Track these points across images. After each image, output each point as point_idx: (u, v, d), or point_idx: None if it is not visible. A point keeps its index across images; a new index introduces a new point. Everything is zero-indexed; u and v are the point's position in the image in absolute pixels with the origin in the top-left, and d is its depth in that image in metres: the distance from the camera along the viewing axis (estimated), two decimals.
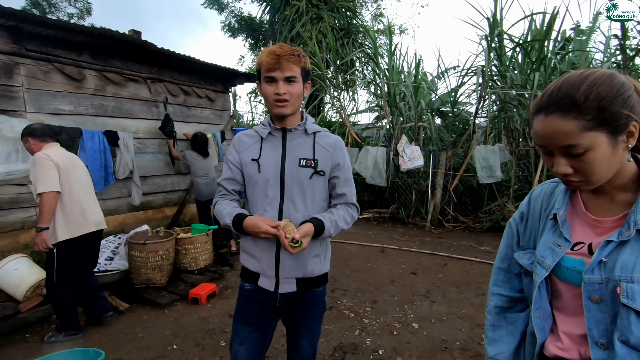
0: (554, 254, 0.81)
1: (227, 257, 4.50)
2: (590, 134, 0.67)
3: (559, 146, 0.71)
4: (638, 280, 0.69)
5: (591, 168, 0.70)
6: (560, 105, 0.69)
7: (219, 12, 13.59)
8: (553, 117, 0.69)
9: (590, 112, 0.67)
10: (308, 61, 1.31)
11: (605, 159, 0.69)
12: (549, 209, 0.88)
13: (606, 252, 0.74)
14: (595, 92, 0.67)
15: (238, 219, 1.29)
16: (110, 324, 2.90)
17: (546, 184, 0.94)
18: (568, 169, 0.72)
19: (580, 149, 0.68)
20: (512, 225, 0.99)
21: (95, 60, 3.82)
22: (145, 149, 4.39)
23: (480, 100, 6.19)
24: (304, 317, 1.39)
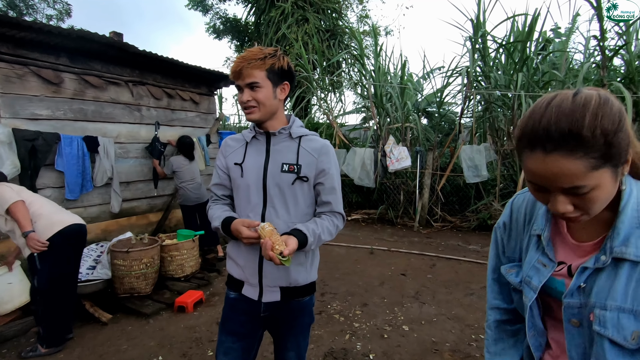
0: (540, 275, 0.78)
1: (214, 263, 4.42)
2: (597, 172, 0.60)
3: (561, 187, 0.63)
4: (611, 308, 0.67)
5: (593, 204, 0.65)
6: (564, 143, 0.59)
7: (204, 13, 13.42)
8: (555, 157, 0.60)
9: (598, 149, 0.59)
10: (282, 60, 1.25)
11: (608, 193, 0.65)
12: (533, 221, 0.84)
13: (584, 277, 0.72)
14: (601, 126, 0.59)
15: (226, 223, 1.26)
16: (92, 336, 2.80)
17: (522, 195, 0.90)
18: (569, 206, 0.65)
19: (585, 189, 0.62)
20: (497, 233, 0.95)
21: (74, 63, 3.70)
22: (127, 154, 4.28)
23: (465, 100, 6.26)
24: (290, 328, 1.35)
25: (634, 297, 0.66)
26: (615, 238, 0.68)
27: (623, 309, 0.66)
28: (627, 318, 0.66)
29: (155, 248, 3.49)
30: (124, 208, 4.19)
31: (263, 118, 1.26)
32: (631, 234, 0.67)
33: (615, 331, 0.66)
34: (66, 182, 3.55)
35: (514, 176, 6.22)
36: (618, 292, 0.67)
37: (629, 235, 0.67)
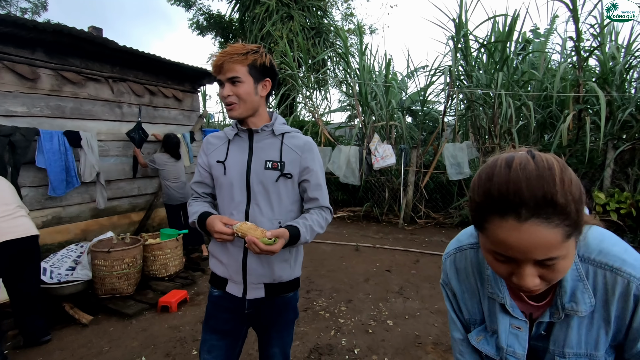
0: (520, 340, 0.76)
1: (198, 262, 4.38)
2: (568, 241, 0.58)
3: (534, 260, 0.58)
4: (569, 356, 0.72)
5: (558, 275, 0.62)
6: (540, 209, 0.55)
7: (186, 9, 13.18)
8: (532, 225, 0.55)
9: (571, 217, 0.56)
10: (264, 57, 1.25)
11: (571, 263, 0.62)
12: (484, 282, 0.80)
13: (543, 327, 0.76)
14: (571, 192, 0.56)
15: (202, 218, 1.26)
16: (72, 339, 2.74)
17: (462, 254, 0.83)
18: (537, 280, 0.61)
19: (557, 260, 0.58)
20: (447, 291, 0.89)
21: (51, 59, 3.59)
22: (108, 152, 4.18)
23: (448, 99, 6.37)
24: (274, 324, 1.36)
25: (587, 342, 0.71)
26: (563, 295, 0.70)
27: (579, 355, 0.72)
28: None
29: (137, 248, 3.43)
30: (105, 207, 4.10)
31: (244, 114, 1.26)
32: (576, 287, 0.69)
33: None
34: (49, 179, 3.43)
35: None
36: (573, 341, 0.72)
37: (575, 290, 0.69)
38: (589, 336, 0.71)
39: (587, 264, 0.68)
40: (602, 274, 0.67)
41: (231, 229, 1.18)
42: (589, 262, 0.68)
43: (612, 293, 0.67)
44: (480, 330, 0.83)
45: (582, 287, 0.68)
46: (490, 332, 0.81)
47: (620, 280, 0.66)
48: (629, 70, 5.74)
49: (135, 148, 4.26)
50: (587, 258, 0.69)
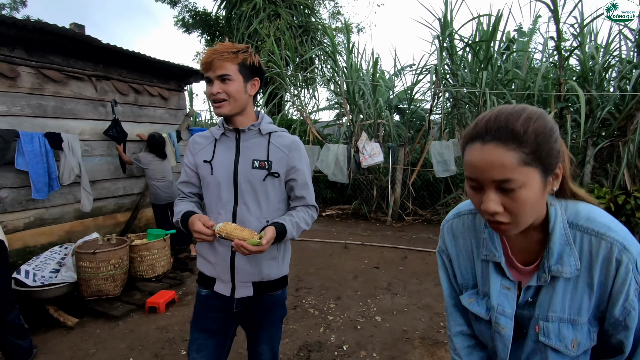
0: (509, 300, 0.80)
1: (186, 262, 4.34)
2: (526, 169, 0.64)
3: (493, 179, 0.66)
4: (552, 319, 0.75)
5: (521, 207, 0.67)
6: (499, 135, 0.65)
7: (172, 6, 12.99)
8: (491, 147, 0.65)
9: (529, 146, 0.64)
10: (253, 57, 1.26)
11: (535, 199, 0.67)
12: (480, 246, 0.85)
13: (530, 293, 0.79)
14: (533, 126, 0.65)
15: (185, 217, 1.26)
16: (57, 342, 2.69)
17: (460, 219, 0.89)
18: (499, 206, 0.67)
19: (514, 184, 0.65)
20: (443, 258, 0.94)
21: (31, 57, 3.50)
22: (92, 152, 4.10)
23: (434, 97, 6.45)
24: (262, 322, 1.37)
25: (570, 307, 0.74)
26: (550, 257, 0.74)
27: (562, 319, 0.74)
28: (566, 328, 0.74)
29: (123, 248, 3.39)
30: None
31: (232, 112, 1.26)
32: (563, 251, 0.73)
33: (557, 340, 0.74)
34: (32, 182, 3.35)
35: None
36: (557, 305, 0.75)
37: (562, 253, 0.73)
38: (573, 301, 0.74)
39: (575, 230, 0.73)
40: (588, 239, 0.72)
41: (211, 230, 1.18)
42: (576, 228, 0.73)
43: (595, 257, 0.71)
44: (471, 293, 0.87)
45: (568, 251, 0.72)
46: (482, 295, 0.85)
47: (604, 244, 0.70)
48: (608, 69, 5.92)
49: (117, 145, 4.18)
50: (575, 224, 0.73)
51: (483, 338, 0.88)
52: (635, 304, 0.69)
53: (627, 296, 0.69)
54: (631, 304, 0.69)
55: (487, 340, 0.87)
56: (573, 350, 0.74)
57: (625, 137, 5.05)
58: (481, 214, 0.72)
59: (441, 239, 0.93)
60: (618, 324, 0.71)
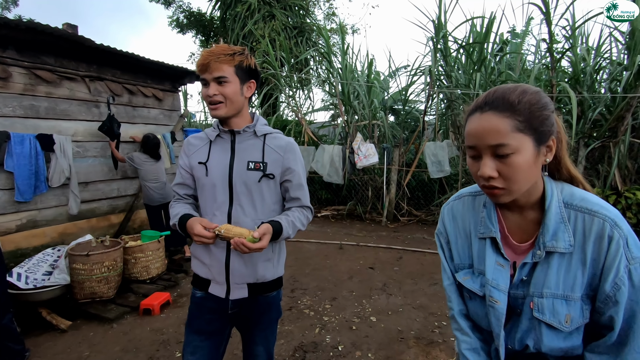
0: (503, 276, 0.82)
1: (181, 263, 4.32)
2: (519, 135, 0.70)
3: (489, 145, 0.72)
4: (547, 295, 0.77)
5: (515, 173, 0.72)
6: (496, 104, 0.72)
7: (166, 6, 12.92)
8: (488, 115, 0.72)
9: (522, 114, 0.70)
10: (249, 59, 1.26)
11: (528, 165, 0.72)
12: (477, 225, 0.88)
13: (525, 271, 0.81)
14: (527, 98, 0.72)
15: (183, 220, 1.25)
16: (50, 345, 2.67)
17: (460, 201, 0.94)
18: (494, 172, 0.73)
19: (508, 150, 0.70)
20: (441, 239, 0.98)
21: (23, 57, 3.47)
22: (85, 153, 4.07)
23: (428, 98, 6.49)
24: (257, 324, 1.37)
25: (564, 284, 0.76)
26: (545, 234, 0.77)
27: (556, 295, 0.76)
28: (560, 303, 0.76)
29: (117, 250, 3.36)
30: (82, 210, 3.99)
31: (228, 114, 1.26)
32: (558, 228, 0.76)
33: (551, 315, 0.76)
34: (16, 184, 3.32)
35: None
36: (551, 281, 0.77)
37: (557, 230, 0.76)
38: (567, 278, 0.76)
39: (570, 209, 0.77)
40: (582, 217, 0.75)
41: (212, 232, 1.19)
42: (571, 207, 0.77)
43: (589, 234, 0.74)
44: (466, 272, 0.90)
45: (563, 228, 0.76)
46: (477, 273, 0.88)
47: (597, 221, 0.74)
48: (599, 71, 6.00)
49: (110, 142, 4.15)
50: (570, 204, 0.78)
51: (477, 317, 0.89)
52: (625, 280, 0.71)
53: (618, 272, 0.71)
54: (621, 279, 0.71)
55: (481, 318, 0.88)
56: (566, 325, 0.75)
57: (616, 138, 5.12)
58: (478, 181, 0.77)
59: (440, 221, 0.97)
60: (609, 299, 0.73)
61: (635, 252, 0.72)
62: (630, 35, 5.17)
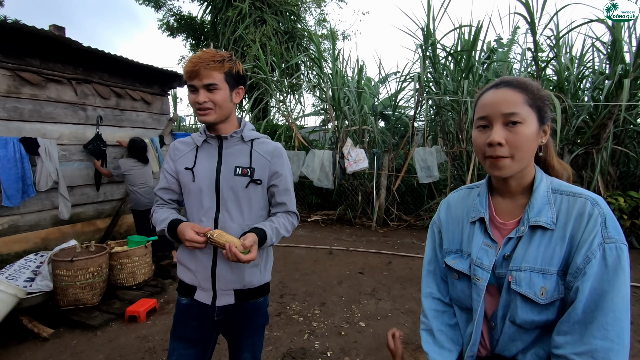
0: (489, 255, 0.87)
1: (169, 269, 4.26)
2: (528, 108, 0.80)
3: (502, 113, 0.80)
4: (525, 269, 0.80)
5: (521, 141, 0.80)
6: (511, 83, 0.83)
7: (156, 9, 12.86)
8: (503, 89, 0.83)
9: (532, 93, 0.82)
10: (238, 65, 1.26)
11: (531, 138, 0.81)
12: (469, 213, 0.95)
13: (508, 248, 0.85)
14: (534, 83, 0.84)
15: (173, 225, 1.24)
16: (30, 354, 2.59)
17: (457, 193, 1.03)
18: (502, 139, 0.80)
19: (519, 118, 0.79)
20: (434, 228, 1.04)
21: (7, 58, 3.41)
22: (71, 157, 4.01)
23: (417, 105, 6.57)
24: (244, 330, 1.36)
25: (543, 258, 0.80)
26: (531, 211, 0.83)
27: (534, 269, 0.80)
28: (537, 277, 0.79)
29: (103, 256, 3.30)
30: None
31: (217, 120, 1.26)
32: (543, 208, 0.82)
33: (527, 287, 0.79)
34: (3, 188, 3.24)
35: (462, 176, 6.62)
36: (531, 256, 0.81)
37: (541, 209, 0.82)
38: (546, 253, 0.80)
39: (556, 194, 0.84)
40: (567, 199, 0.82)
41: (204, 237, 1.18)
42: (557, 192, 0.84)
43: (570, 213, 0.80)
44: (455, 255, 0.96)
45: (547, 207, 0.82)
46: (465, 255, 0.93)
47: (579, 200, 0.80)
48: (582, 80, 6.17)
49: (95, 160, 4.11)
50: (556, 189, 0.84)
51: (463, 298, 0.93)
52: (596, 254, 0.74)
53: (591, 245, 0.74)
54: (593, 252, 0.74)
55: (466, 299, 0.92)
56: (542, 297, 0.78)
57: (599, 145, 5.26)
58: (484, 152, 0.83)
59: (437, 213, 1.04)
60: (579, 272, 0.75)
61: (613, 232, 0.74)
62: (611, 46, 5.34)
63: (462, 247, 0.95)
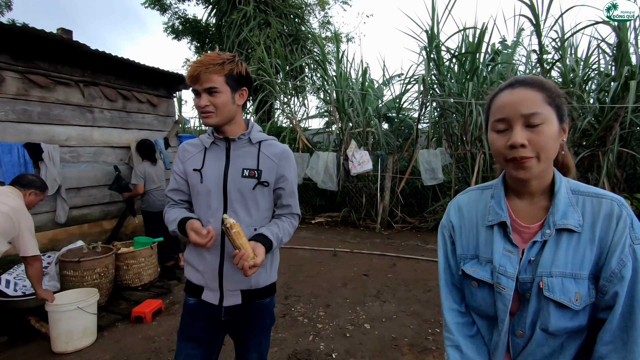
0: (512, 262, 0.83)
1: (174, 270, 4.28)
2: (548, 107, 0.78)
3: (522, 114, 0.77)
4: (555, 274, 0.78)
5: (544, 141, 0.77)
6: (526, 82, 0.80)
7: (161, 13, 12.96)
8: (520, 89, 0.80)
9: (549, 92, 0.79)
10: (240, 66, 1.26)
11: (554, 137, 0.78)
12: (483, 216, 0.90)
13: (533, 252, 0.82)
14: (550, 82, 0.81)
15: (182, 224, 1.26)
16: (38, 354, 2.61)
17: (466, 194, 0.97)
18: (524, 140, 0.77)
19: (540, 119, 0.77)
20: (445, 234, 0.98)
21: (17, 61, 3.45)
22: (78, 158, 4.04)
23: (422, 107, 6.57)
24: (251, 330, 1.37)
25: (573, 262, 0.78)
26: (555, 213, 0.81)
27: (565, 274, 0.78)
28: (569, 282, 0.77)
29: (109, 257, 3.33)
30: (74, 216, 3.95)
31: (220, 123, 1.27)
32: (567, 210, 0.80)
33: (561, 294, 0.77)
34: None
35: (467, 178, 6.60)
36: (560, 260, 0.78)
37: (566, 211, 0.80)
38: (576, 256, 0.78)
39: (577, 195, 0.82)
40: (590, 201, 0.80)
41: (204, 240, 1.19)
42: (578, 194, 0.82)
43: (597, 215, 0.78)
44: (473, 263, 0.91)
45: (572, 210, 0.80)
46: (483, 262, 0.89)
47: (605, 202, 0.78)
48: (587, 81, 6.13)
49: (124, 194, 4.16)
50: (577, 190, 0.83)
51: (484, 306, 0.88)
52: (629, 257, 0.74)
53: (624, 249, 0.74)
54: (627, 256, 0.74)
55: (488, 308, 0.87)
56: (576, 303, 0.76)
57: (605, 147, 5.22)
58: (504, 155, 0.80)
59: (445, 216, 0.99)
60: (614, 276, 0.74)
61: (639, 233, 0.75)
62: (617, 47, 5.31)
63: (479, 252, 0.90)
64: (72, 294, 2.84)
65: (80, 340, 2.65)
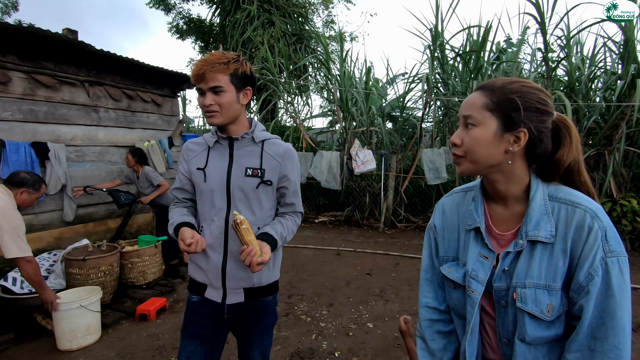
0: (485, 268, 0.84)
1: (178, 268, 4.31)
2: (486, 113, 0.79)
3: (462, 114, 0.83)
4: (529, 286, 0.78)
5: (472, 143, 0.80)
6: (484, 86, 0.82)
7: (166, 13, 13.03)
8: (475, 93, 0.83)
9: (497, 97, 0.79)
10: (244, 66, 1.26)
11: (486, 142, 0.79)
12: (465, 219, 0.91)
13: (507, 262, 0.82)
14: (513, 86, 0.79)
15: (177, 230, 1.27)
16: (45, 352, 2.64)
17: (451, 197, 0.99)
18: (458, 139, 0.83)
19: (472, 120, 0.80)
20: (430, 234, 1.00)
21: (23, 62, 3.49)
22: (84, 157, 4.08)
23: (426, 106, 6.55)
24: (254, 328, 1.38)
25: (547, 274, 0.77)
26: (528, 224, 0.79)
27: (539, 285, 0.78)
28: (542, 293, 0.77)
29: (114, 255, 3.35)
30: (79, 214, 3.99)
31: (224, 122, 1.27)
32: (541, 219, 0.79)
33: (534, 305, 0.77)
34: None
35: (471, 178, 6.58)
36: (534, 272, 0.78)
37: (539, 221, 0.79)
38: (549, 268, 0.77)
39: (554, 202, 0.80)
40: (565, 209, 0.78)
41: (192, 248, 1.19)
42: (555, 200, 0.80)
43: (570, 225, 0.76)
44: (451, 264, 0.93)
45: (546, 219, 0.78)
46: (461, 264, 0.91)
47: (578, 211, 0.76)
48: (593, 80, 6.08)
49: (141, 199, 4.11)
50: (554, 197, 0.80)
51: (459, 307, 0.91)
52: (599, 271, 0.72)
53: (593, 262, 0.72)
54: (595, 269, 0.72)
55: (461, 308, 0.90)
56: (548, 315, 0.77)
57: (611, 146, 5.18)
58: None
59: (432, 218, 1.01)
60: (581, 289, 0.74)
61: (614, 245, 0.73)
62: (624, 45, 5.26)
63: (459, 254, 0.92)
64: (75, 292, 2.86)
65: (84, 337, 2.68)
